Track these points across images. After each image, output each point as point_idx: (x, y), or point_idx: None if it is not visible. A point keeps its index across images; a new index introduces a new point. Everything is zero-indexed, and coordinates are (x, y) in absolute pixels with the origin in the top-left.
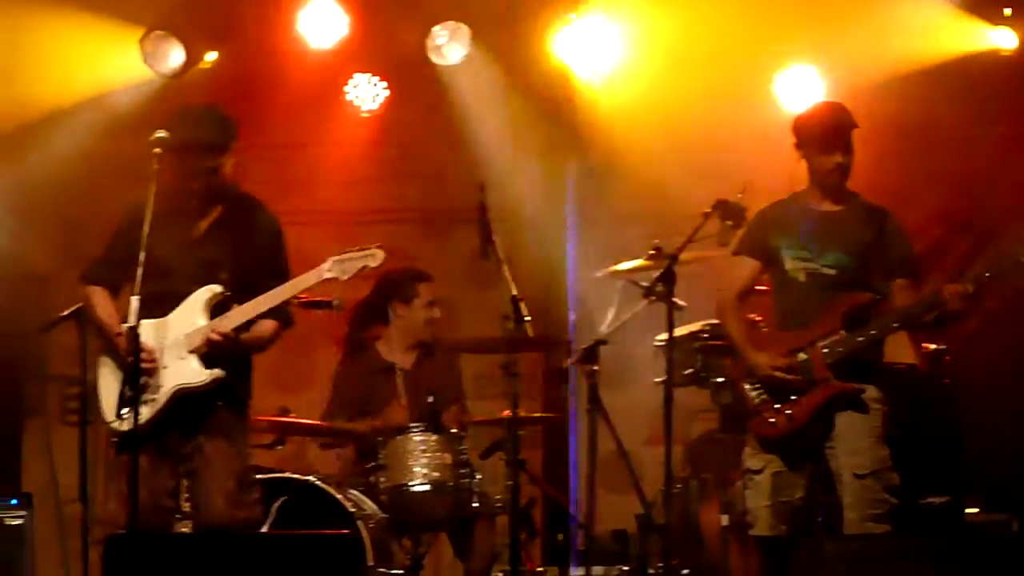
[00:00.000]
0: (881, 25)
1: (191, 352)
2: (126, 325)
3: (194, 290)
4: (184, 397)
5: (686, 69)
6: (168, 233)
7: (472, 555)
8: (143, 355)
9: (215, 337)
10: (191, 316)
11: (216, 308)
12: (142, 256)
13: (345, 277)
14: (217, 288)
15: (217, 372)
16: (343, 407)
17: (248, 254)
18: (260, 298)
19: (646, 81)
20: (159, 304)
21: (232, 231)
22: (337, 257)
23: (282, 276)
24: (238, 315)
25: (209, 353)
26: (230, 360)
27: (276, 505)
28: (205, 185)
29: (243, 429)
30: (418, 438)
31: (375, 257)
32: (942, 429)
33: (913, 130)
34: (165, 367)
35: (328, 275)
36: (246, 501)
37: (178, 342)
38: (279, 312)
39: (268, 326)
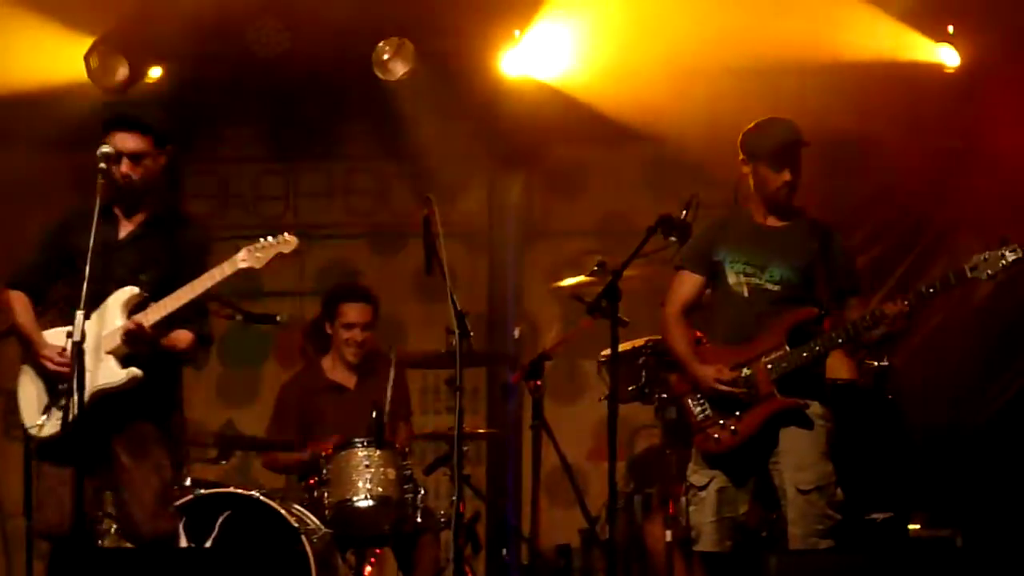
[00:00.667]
0: (827, 36)
1: (109, 353)
2: (71, 340)
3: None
4: (103, 399)
5: (631, 82)
6: (92, 237)
7: (416, 570)
8: (58, 360)
9: (131, 326)
10: (110, 317)
11: (134, 309)
12: (87, 271)
13: (260, 265)
14: (135, 289)
15: (134, 371)
16: (283, 424)
17: (171, 261)
18: (178, 292)
19: (592, 94)
20: (88, 308)
21: (156, 237)
22: (251, 246)
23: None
24: (156, 311)
25: (127, 351)
26: (153, 370)
27: (220, 520)
28: (136, 176)
29: (163, 442)
30: (362, 453)
31: (288, 243)
32: (886, 445)
33: (857, 144)
34: (87, 370)
35: (243, 264)
36: (167, 514)
37: (97, 344)
38: (198, 324)
39: (184, 336)
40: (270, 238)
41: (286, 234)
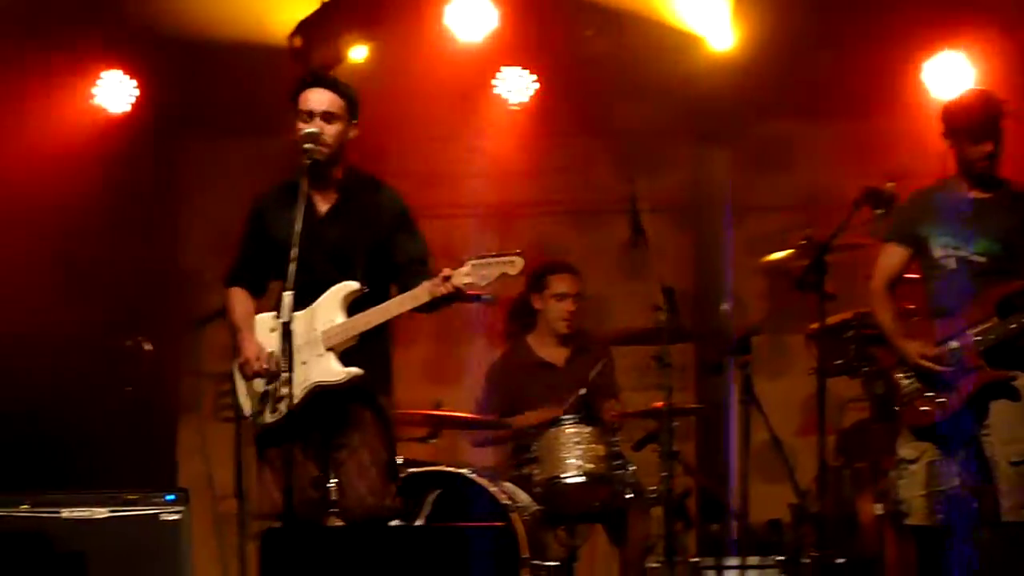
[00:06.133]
0: None
1: (329, 350)
2: (280, 320)
3: (326, 278)
4: (322, 392)
5: (834, 52)
6: (292, 221)
7: (627, 545)
8: (252, 369)
9: (352, 343)
10: (329, 312)
11: (354, 305)
12: (294, 252)
13: (483, 283)
14: (354, 285)
15: (355, 371)
16: (493, 402)
17: (374, 236)
18: (397, 299)
19: (797, 65)
20: (296, 295)
21: (353, 214)
22: (476, 261)
23: (420, 253)
24: (376, 316)
25: (346, 348)
26: (371, 350)
27: (430, 498)
28: (326, 137)
29: (388, 419)
30: (571, 430)
31: (514, 265)
32: None
33: None
34: (304, 363)
35: (466, 279)
36: (389, 491)
37: (316, 339)
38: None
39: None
40: (495, 256)
41: (513, 255)
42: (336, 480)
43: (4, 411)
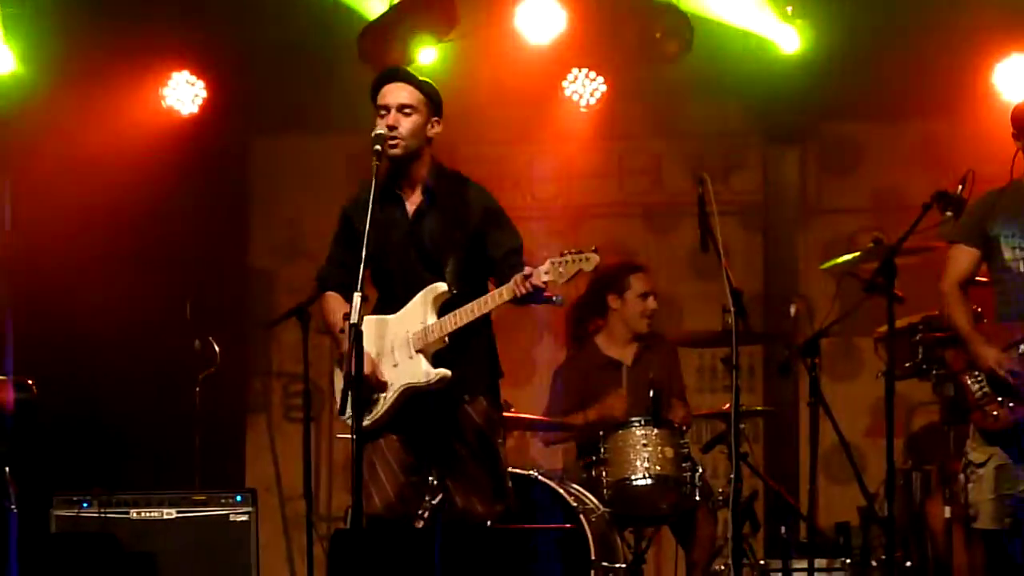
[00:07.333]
0: None
1: (419, 352)
2: (348, 322)
3: (418, 279)
4: (417, 395)
5: (906, 55)
6: (380, 225)
7: (694, 548)
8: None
9: (441, 344)
10: (418, 314)
11: (443, 306)
12: (364, 253)
13: (562, 281)
14: (442, 287)
15: (443, 371)
16: (562, 402)
17: (466, 233)
18: (481, 300)
19: (867, 68)
20: (389, 297)
21: (442, 212)
22: (554, 259)
23: (514, 244)
24: (461, 317)
25: (437, 349)
26: (467, 353)
27: None
28: (403, 130)
29: (492, 424)
30: (640, 432)
31: (590, 261)
32: None
33: None
34: (395, 366)
35: (546, 278)
36: (499, 499)
37: (406, 341)
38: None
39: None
40: (574, 253)
41: (589, 251)
42: (446, 487)
43: (74, 411)
